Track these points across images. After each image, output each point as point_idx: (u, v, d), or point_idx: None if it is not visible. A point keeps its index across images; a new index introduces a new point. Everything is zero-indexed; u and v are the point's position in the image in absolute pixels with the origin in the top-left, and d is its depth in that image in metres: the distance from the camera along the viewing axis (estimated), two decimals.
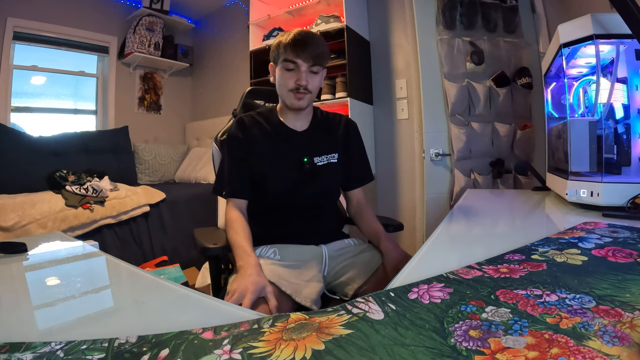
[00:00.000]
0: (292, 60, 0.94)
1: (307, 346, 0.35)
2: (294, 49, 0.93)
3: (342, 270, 0.97)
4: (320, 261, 0.97)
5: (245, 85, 2.81)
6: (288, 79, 0.96)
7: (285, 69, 0.96)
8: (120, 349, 0.37)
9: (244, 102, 1.27)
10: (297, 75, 0.95)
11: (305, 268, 0.92)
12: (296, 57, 0.93)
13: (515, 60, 1.92)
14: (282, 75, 0.97)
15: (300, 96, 0.97)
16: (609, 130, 0.97)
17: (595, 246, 0.60)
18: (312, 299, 0.84)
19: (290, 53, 0.94)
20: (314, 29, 2.27)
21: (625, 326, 0.34)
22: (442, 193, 1.97)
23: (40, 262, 0.81)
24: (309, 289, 0.86)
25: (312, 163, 1.02)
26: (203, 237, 1.01)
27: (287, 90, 0.97)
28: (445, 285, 0.48)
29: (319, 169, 1.02)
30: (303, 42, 0.93)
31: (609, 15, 0.89)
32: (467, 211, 1.16)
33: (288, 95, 0.98)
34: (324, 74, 1.01)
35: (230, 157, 1.02)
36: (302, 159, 1.01)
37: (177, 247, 2.40)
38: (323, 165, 1.03)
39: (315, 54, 0.94)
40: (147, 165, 3.13)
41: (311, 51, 0.94)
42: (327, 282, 0.96)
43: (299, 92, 0.96)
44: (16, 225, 1.81)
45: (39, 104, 2.89)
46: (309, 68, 0.95)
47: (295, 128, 1.04)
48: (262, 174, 1.00)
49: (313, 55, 0.94)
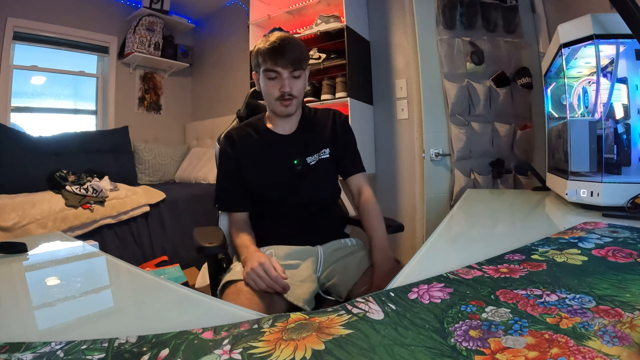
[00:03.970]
0: (272, 69, 0.95)
1: (307, 346, 0.35)
2: (272, 57, 0.93)
3: (335, 271, 0.97)
4: (316, 262, 0.97)
5: (245, 85, 2.82)
6: (272, 88, 0.97)
7: (268, 78, 0.96)
8: (120, 349, 0.37)
9: (248, 102, 1.28)
10: (280, 83, 0.96)
11: (300, 268, 0.94)
12: (275, 66, 0.94)
13: (515, 60, 1.92)
14: (265, 84, 0.98)
15: (286, 103, 0.98)
16: (609, 130, 0.97)
17: (595, 246, 0.60)
18: (305, 299, 0.86)
19: (269, 62, 0.94)
20: (314, 29, 2.28)
21: (625, 326, 0.34)
22: (442, 193, 1.97)
23: (40, 262, 0.81)
24: (302, 289, 0.88)
25: (304, 163, 1.03)
26: (201, 236, 1.03)
27: (274, 99, 0.98)
28: (445, 285, 0.48)
29: (312, 167, 1.03)
30: (280, 49, 0.93)
31: (609, 15, 0.89)
32: (467, 211, 1.16)
33: (275, 104, 0.99)
34: (306, 75, 1.02)
35: (222, 172, 1.06)
36: (292, 161, 1.02)
37: (177, 247, 2.40)
38: (315, 163, 1.04)
39: (293, 59, 0.94)
40: (147, 165, 3.13)
41: (289, 57, 0.94)
42: (321, 283, 0.96)
43: (285, 99, 0.97)
44: (16, 225, 1.81)
45: (39, 104, 2.89)
46: (291, 74, 0.96)
47: (284, 132, 1.06)
48: (256, 183, 1.02)
49: (292, 61, 0.94)
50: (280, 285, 0.79)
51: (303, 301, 0.85)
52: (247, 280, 0.82)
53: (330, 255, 1.00)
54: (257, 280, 0.80)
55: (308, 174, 1.03)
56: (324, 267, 0.98)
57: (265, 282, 0.79)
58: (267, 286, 0.79)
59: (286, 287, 0.80)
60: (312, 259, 0.97)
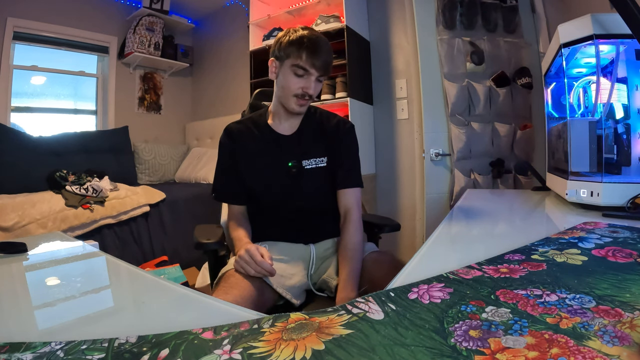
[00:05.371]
0: (303, 67, 0.92)
1: (307, 346, 0.35)
2: (309, 55, 0.90)
3: (326, 266, 0.99)
4: (308, 259, 0.99)
5: (246, 85, 2.82)
6: (295, 84, 0.94)
7: (295, 74, 0.93)
8: (120, 349, 0.37)
9: (252, 103, 1.30)
10: (306, 83, 0.94)
11: (291, 263, 0.96)
12: (310, 66, 0.92)
13: (515, 60, 1.92)
14: (288, 78, 0.94)
15: (303, 102, 0.97)
16: (609, 130, 0.97)
17: (595, 246, 0.60)
18: (294, 292, 0.89)
19: (304, 59, 0.91)
20: (314, 29, 2.27)
21: (625, 326, 0.34)
22: (442, 193, 1.97)
23: (40, 262, 0.81)
24: (291, 282, 0.91)
25: (299, 167, 1.01)
26: (200, 233, 1.06)
27: (292, 95, 0.95)
28: (445, 285, 0.48)
29: (307, 172, 1.01)
30: (317, 50, 0.91)
31: (609, 15, 0.88)
32: (467, 211, 1.16)
33: (292, 99, 0.96)
34: None
35: (220, 163, 1.07)
36: (287, 163, 1.01)
37: (177, 247, 2.40)
38: (311, 169, 1.01)
39: (327, 63, 0.93)
40: (147, 165, 3.13)
41: (324, 60, 0.92)
42: (314, 281, 0.98)
43: (304, 98, 0.96)
44: (16, 225, 1.81)
45: (39, 104, 2.88)
46: (318, 77, 0.95)
47: (284, 132, 1.04)
48: (250, 178, 1.03)
49: (325, 65, 0.93)
50: (266, 269, 0.80)
51: (291, 293, 0.87)
52: (237, 267, 0.84)
53: (322, 254, 1.01)
54: (245, 267, 0.82)
55: (301, 178, 1.01)
56: (316, 265, 0.99)
57: (252, 267, 0.81)
58: (255, 271, 0.81)
59: (272, 272, 0.81)
60: (305, 256, 0.99)
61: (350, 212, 0.99)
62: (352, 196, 1.02)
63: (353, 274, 0.88)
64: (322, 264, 1.00)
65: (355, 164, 1.06)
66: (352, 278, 0.87)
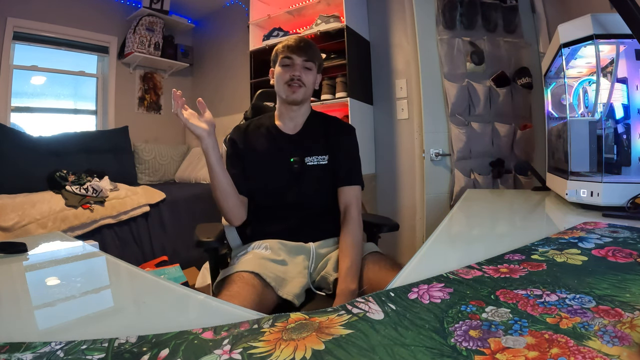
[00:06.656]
0: (287, 56, 1.03)
1: (307, 346, 0.35)
2: (290, 48, 1.04)
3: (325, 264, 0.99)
4: (308, 258, 1.00)
5: (245, 85, 2.81)
6: (284, 74, 1.04)
7: (282, 66, 1.04)
8: (120, 349, 0.37)
9: (253, 104, 1.33)
10: (293, 70, 1.03)
11: (292, 264, 0.97)
12: (291, 54, 1.03)
13: (515, 60, 1.92)
14: (279, 72, 1.05)
15: (294, 88, 1.03)
16: (609, 130, 0.97)
17: (595, 246, 0.60)
18: (295, 294, 0.89)
19: (286, 52, 1.04)
20: (314, 29, 2.27)
21: (625, 326, 0.34)
22: (442, 193, 1.97)
23: (40, 262, 0.81)
24: (293, 284, 0.91)
25: (301, 163, 1.06)
26: (201, 232, 1.07)
27: (284, 84, 1.04)
28: (445, 285, 0.48)
29: (309, 169, 1.06)
30: (297, 42, 1.04)
31: (609, 15, 0.89)
32: (467, 211, 1.16)
33: (284, 88, 1.04)
34: (319, 78, 1.09)
35: (227, 156, 1.11)
36: (289, 158, 1.05)
37: (177, 247, 2.40)
38: (313, 165, 1.06)
39: (307, 50, 1.04)
40: (147, 165, 3.13)
41: (304, 49, 1.04)
42: (313, 280, 0.98)
43: (293, 82, 1.02)
44: (16, 225, 1.81)
45: (39, 104, 2.88)
46: (303, 63, 1.03)
47: (288, 131, 1.10)
48: (254, 174, 1.06)
49: (306, 51, 1.03)
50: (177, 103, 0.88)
51: (293, 295, 0.88)
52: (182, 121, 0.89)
53: (322, 253, 1.02)
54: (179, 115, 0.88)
55: (303, 174, 1.05)
56: (315, 264, 1.00)
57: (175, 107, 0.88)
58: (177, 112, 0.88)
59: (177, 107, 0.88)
60: (305, 255, 1.00)
61: (350, 209, 1.03)
62: (352, 194, 1.06)
63: (353, 266, 0.90)
64: (322, 262, 1.00)
65: (355, 164, 1.12)
66: (353, 270, 0.89)
